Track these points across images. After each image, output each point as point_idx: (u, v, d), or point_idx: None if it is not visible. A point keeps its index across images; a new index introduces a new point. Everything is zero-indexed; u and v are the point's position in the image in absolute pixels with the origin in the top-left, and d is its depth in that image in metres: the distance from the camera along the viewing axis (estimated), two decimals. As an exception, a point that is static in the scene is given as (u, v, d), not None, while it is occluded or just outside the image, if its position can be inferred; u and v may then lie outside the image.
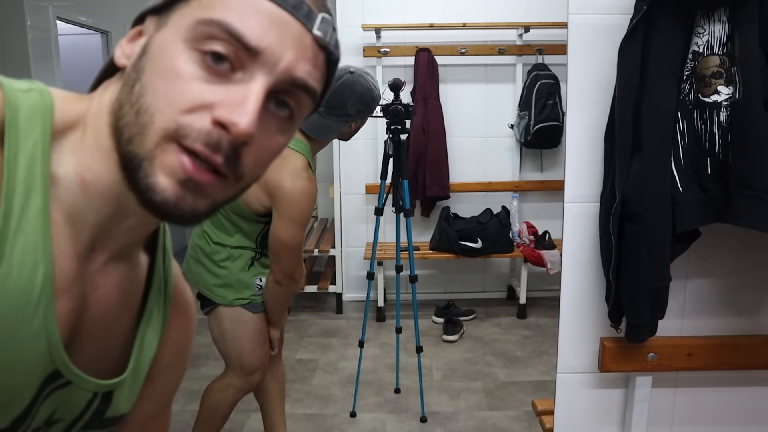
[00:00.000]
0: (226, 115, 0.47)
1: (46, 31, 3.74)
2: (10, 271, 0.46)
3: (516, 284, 4.09)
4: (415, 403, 2.77)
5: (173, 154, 0.47)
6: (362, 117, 1.85)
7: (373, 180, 4.01)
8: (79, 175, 0.51)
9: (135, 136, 0.48)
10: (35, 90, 0.51)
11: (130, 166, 0.48)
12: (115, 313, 0.59)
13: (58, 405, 0.55)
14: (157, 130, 0.47)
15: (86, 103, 0.54)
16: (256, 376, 1.94)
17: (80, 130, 0.52)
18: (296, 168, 1.70)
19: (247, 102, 0.48)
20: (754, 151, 1.06)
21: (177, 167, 0.47)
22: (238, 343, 1.88)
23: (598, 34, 1.23)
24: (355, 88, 1.77)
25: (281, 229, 1.70)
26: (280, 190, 1.67)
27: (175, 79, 0.47)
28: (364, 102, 1.80)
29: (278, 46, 0.49)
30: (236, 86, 0.48)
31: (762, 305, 1.36)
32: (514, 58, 3.97)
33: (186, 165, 0.47)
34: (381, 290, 3.96)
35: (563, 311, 1.35)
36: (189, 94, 0.47)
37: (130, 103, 0.49)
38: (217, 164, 0.48)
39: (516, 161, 4.10)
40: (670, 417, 1.41)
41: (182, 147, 0.47)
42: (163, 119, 0.47)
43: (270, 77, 0.49)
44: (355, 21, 3.86)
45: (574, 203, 1.31)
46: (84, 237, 0.53)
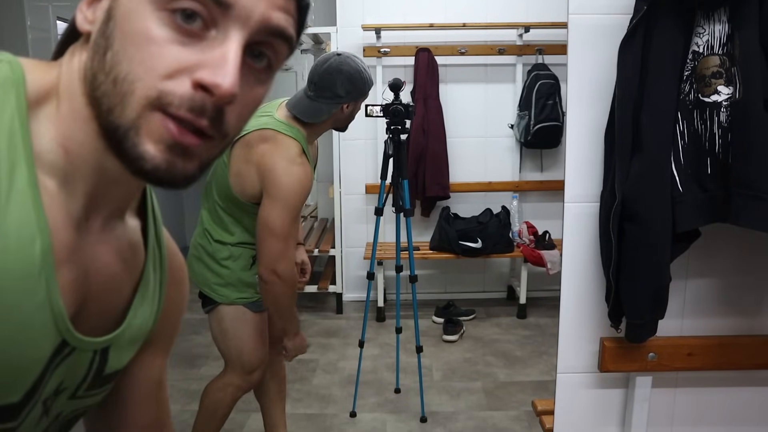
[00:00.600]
0: (208, 77, 0.46)
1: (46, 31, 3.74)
2: (6, 246, 0.45)
3: (516, 284, 4.09)
4: (415, 403, 2.77)
5: (158, 121, 0.47)
6: (353, 98, 1.81)
7: (373, 180, 4.01)
8: (61, 146, 0.51)
9: (116, 106, 0.47)
10: (4, 61, 0.50)
11: (115, 136, 0.48)
12: (119, 279, 0.60)
13: (65, 374, 0.56)
14: (138, 99, 0.46)
15: (56, 70, 0.53)
16: (256, 375, 1.94)
17: (54, 99, 0.52)
18: (290, 153, 1.69)
19: (227, 62, 0.47)
20: (754, 151, 1.06)
21: (164, 134, 0.47)
22: (238, 342, 1.88)
23: (598, 34, 1.23)
24: (342, 68, 1.76)
25: (267, 211, 1.66)
26: (271, 173, 1.65)
27: (149, 45, 0.46)
28: (353, 82, 1.77)
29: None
30: (212, 45, 0.47)
31: (762, 305, 1.36)
32: (514, 58, 3.97)
33: (173, 131, 0.47)
34: (381, 290, 3.96)
35: (563, 311, 1.35)
36: (166, 59, 0.46)
37: (104, 72, 0.48)
38: (203, 127, 0.48)
39: (516, 161, 4.10)
40: (670, 417, 1.41)
41: (167, 113, 0.47)
42: (144, 87, 0.46)
43: (245, 31, 0.48)
44: (355, 21, 3.86)
45: (574, 203, 1.31)
46: (77, 206, 0.53)
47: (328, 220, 4.67)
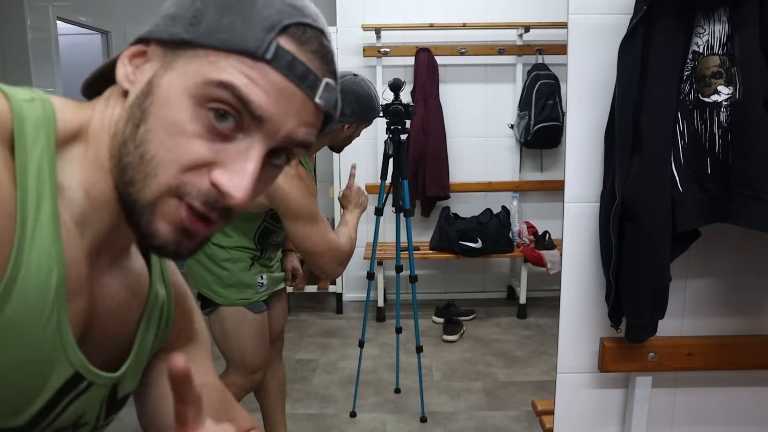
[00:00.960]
0: (225, 184, 0.50)
1: (46, 31, 3.74)
2: (28, 276, 0.47)
3: (516, 284, 4.09)
4: (415, 403, 2.77)
5: (174, 206, 0.51)
6: (356, 120, 1.83)
7: (373, 180, 4.01)
8: (83, 188, 0.53)
9: (138, 181, 0.50)
10: (38, 99, 0.52)
11: (132, 210, 0.51)
12: (126, 307, 0.62)
13: (84, 409, 0.58)
14: (160, 185, 0.50)
15: (86, 112, 0.55)
16: (258, 375, 1.94)
17: (82, 142, 0.54)
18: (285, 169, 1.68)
19: (246, 174, 0.50)
20: (754, 151, 1.06)
21: (176, 218, 0.51)
22: (240, 343, 1.88)
23: (598, 34, 1.23)
24: (354, 89, 1.79)
25: (295, 233, 1.63)
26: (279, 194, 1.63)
27: (180, 136, 0.50)
28: (360, 104, 1.80)
29: (282, 116, 0.51)
30: (237, 147, 0.51)
31: (762, 305, 1.36)
32: (514, 58, 3.97)
33: (185, 218, 0.51)
34: (381, 290, 3.96)
35: (563, 311, 1.35)
36: (192, 153, 0.50)
37: (134, 143, 0.51)
38: (212, 218, 0.52)
39: (516, 161, 4.10)
40: (670, 417, 1.41)
41: (182, 200, 0.51)
42: (166, 176, 0.50)
43: (269, 143, 0.52)
44: (355, 21, 3.86)
45: (574, 203, 1.31)
46: (92, 242, 0.55)
47: (328, 220, 4.67)
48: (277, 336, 2.10)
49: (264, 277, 1.88)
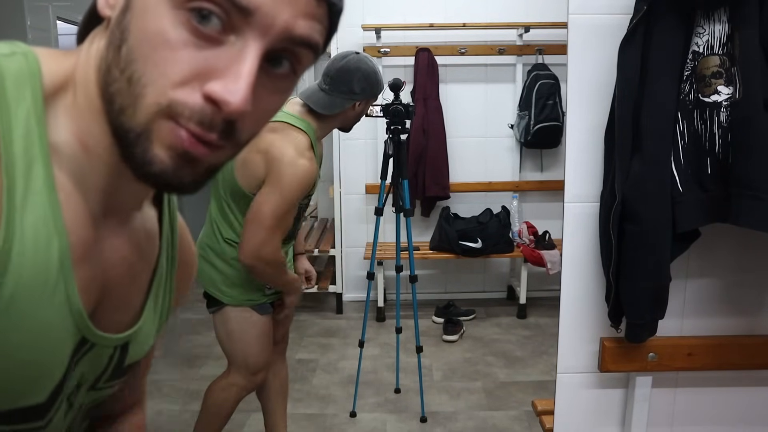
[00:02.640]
0: (218, 92, 0.44)
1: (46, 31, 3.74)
2: (23, 249, 0.45)
3: (516, 284, 4.09)
4: (415, 403, 2.77)
5: (169, 129, 0.45)
6: (366, 97, 1.83)
7: (373, 180, 4.01)
8: (78, 140, 0.49)
9: (128, 107, 0.46)
10: (19, 53, 0.48)
11: (126, 139, 0.46)
12: (136, 270, 0.60)
13: (86, 368, 0.56)
14: (149, 105, 0.45)
15: (73, 58, 0.51)
16: (261, 376, 1.94)
17: (71, 89, 0.50)
18: (299, 145, 1.69)
19: (240, 76, 0.44)
20: (754, 151, 1.06)
21: (175, 141, 0.46)
22: (244, 344, 1.88)
23: (598, 34, 1.23)
24: (360, 66, 1.80)
25: (263, 198, 1.65)
26: (277, 162, 1.65)
27: (164, 47, 0.44)
28: (368, 81, 1.81)
29: (273, 5, 0.45)
30: (229, 52, 0.45)
31: (762, 305, 1.36)
32: (514, 58, 3.97)
33: (184, 140, 0.46)
34: (381, 290, 3.96)
35: (563, 311, 1.35)
36: (180, 64, 0.44)
37: (119, 67, 0.46)
38: (212, 141, 0.46)
39: (516, 161, 4.10)
40: (670, 417, 1.41)
41: (177, 123, 0.45)
42: (155, 93, 0.45)
43: (265, 40, 0.45)
44: (355, 21, 3.86)
45: (574, 203, 1.31)
46: (96, 202, 0.52)
47: (328, 220, 4.67)
48: (281, 338, 2.10)
49: None
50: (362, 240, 4.16)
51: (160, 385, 2.99)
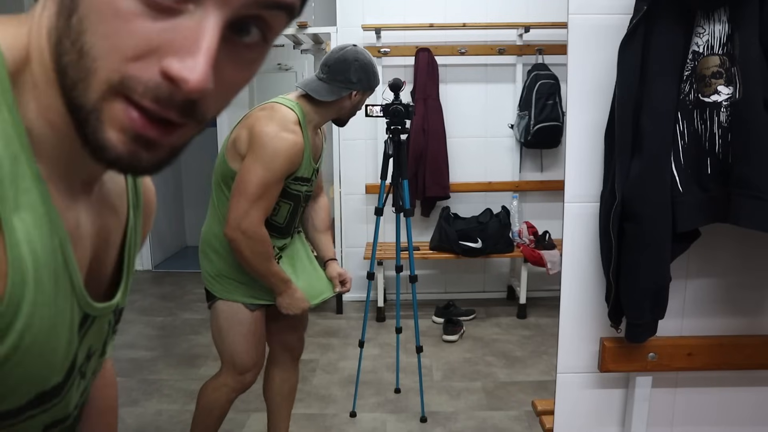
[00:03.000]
0: (175, 69, 0.40)
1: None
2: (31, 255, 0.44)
3: (516, 284, 4.09)
4: (415, 403, 2.77)
5: (121, 109, 0.41)
6: (362, 87, 1.84)
7: (373, 180, 4.01)
8: (45, 119, 0.45)
9: (78, 82, 0.42)
10: None
11: (78, 117, 0.43)
12: (114, 230, 0.59)
13: (93, 340, 0.57)
14: (100, 81, 0.41)
15: (26, 26, 0.46)
16: (249, 377, 1.91)
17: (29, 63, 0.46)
18: (284, 120, 1.70)
19: (199, 51, 0.40)
20: (754, 151, 1.06)
21: (126, 123, 0.42)
22: (231, 342, 1.87)
23: (598, 34, 1.23)
24: (358, 56, 1.82)
25: (246, 168, 1.66)
26: (260, 133, 1.67)
27: (116, 18, 0.40)
28: (365, 71, 1.82)
29: None
30: (187, 23, 0.40)
31: (762, 305, 1.36)
32: (514, 58, 3.97)
33: (136, 121, 0.42)
34: (381, 290, 3.96)
35: (563, 311, 1.35)
36: (133, 37, 0.40)
37: (69, 39, 0.41)
38: (171, 118, 0.42)
39: (516, 161, 4.11)
40: (670, 417, 1.41)
41: (130, 101, 0.41)
42: (106, 69, 0.40)
43: (227, 9, 0.41)
44: (355, 21, 3.86)
45: (574, 203, 1.31)
46: (72, 180, 0.50)
47: (328, 220, 4.66)
48: (294, 344, 2.07)
49: None
50: (362, 240, 4.16)
51: (160, 385, 2.99)
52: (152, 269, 5.16)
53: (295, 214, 1.87)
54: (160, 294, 4.53)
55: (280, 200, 1.78)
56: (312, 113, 1.80)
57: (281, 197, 1.77)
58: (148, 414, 2.70)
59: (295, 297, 1.83)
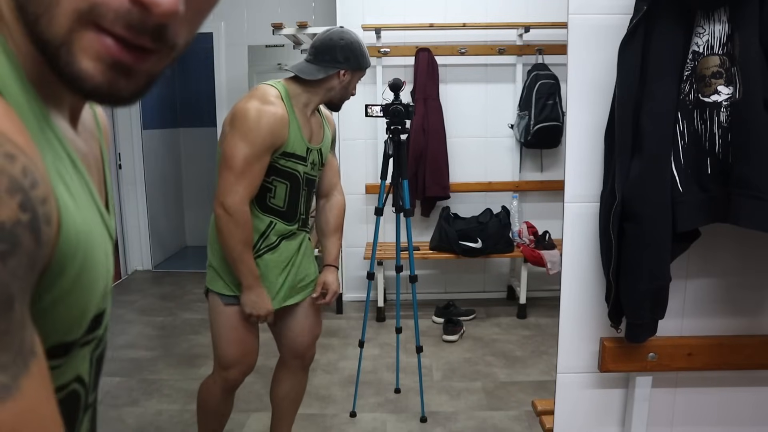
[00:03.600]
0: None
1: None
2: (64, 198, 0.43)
3: (516, 284, 4.09)
4: (415, 403, 2.77)
5: (93, 38, 0.40)
6: (351, 66, 1.83)
7: (373, 180, 4.01)
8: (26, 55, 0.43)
9: (41, 16, 0.40)
10: None
11: (47, 52, 0.41)
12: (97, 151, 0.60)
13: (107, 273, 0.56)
14: (66, 11, 0.39)
15: None
16: (232, 373, 1.90)
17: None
18: (266, 95, 1.72)
19: None
20: (754, 151, 1.06)
21: (101, 51, 0.41)
22: (214, 335, 1.88)
23: (598, 34, 1.23)
24: (344, 36, 1.83)
25: (227, 142, 1.68)
26: (241, 109, 1.69)
27: None
28: (351, 50, 1.82)
29: None
30: None
31: (762, 305, 1.36)
32: (514, 58, 3.97)
33: (111, 48, 0.41)
34: (381, 290, 3.96)
35: (563, 311, 1.35)
36: None
37: None
38: (144, 45, 0.42)
39: (516, 161, 4.11)
40: (670, 417, 1.41)
41: (101, 29, 0.40)
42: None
43: None
44: (355, 21, 3.86)
45: (574, 203, 1.31)
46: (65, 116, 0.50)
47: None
48: (303, 352, 2.02)
49: None
50: (362, 240, 4.16)
51: (160, 385, 2.99)
52: (152, 269, 5.16)
53: (297, 196, 1.84)
54: (160, 294, 4.53)
55: (274, 179, 1.77)
56: (300, 93, 1.80)
57: (274, 175, 1.76)
58: (148, 414, 2.70)
59: (262, 296, 1.79)
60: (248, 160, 1.67)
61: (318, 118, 1.91)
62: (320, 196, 2.11)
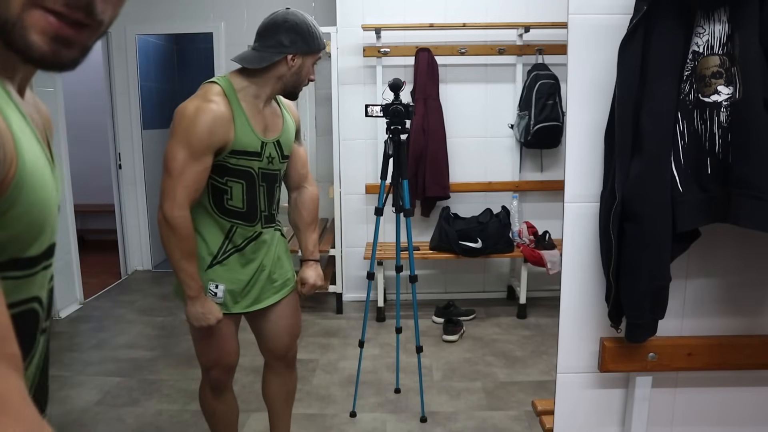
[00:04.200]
0: None
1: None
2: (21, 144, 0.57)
3: (516, 284, 4.09)
4: (415, 403, 2.77)
5: (39, 17, 0.53)
6: (298, 49, 1.70)
7: (373, 180, 4.01)
8: None
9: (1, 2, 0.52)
10: None
11: (3, 30, 0.53)
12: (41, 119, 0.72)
13: None
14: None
15: None
16: (214, 373, 1.89)
17: None
18: (205, 93, 1.65)
19: None
20: (754, 151, 1.06)
21: (46, 27, 0.53)
22: (193, 338, 1.86)
23: (598, 34, 1.23)
24: (288, 18, 1.69)
25: (167, 147, 1.62)
26: (177, 111, 1.62)
27: None
28: (297, 31, 1.69)
29: None
30: None
31: (762, 305, 1.36)
32: (514, 58, 3.97)
33: (54, 24, 0.54)
34: (381, 290, 3.96)
35: (563, 311, 1.35)
36: None
37: None
38: (79, 19, 0.55)
39: (516, 161, 4.11)
40: (670, 417, 1.41)
41: (45, 9, 0.53)
42: None
43: None
44: (355, 21, 3.86)
45: (574, 203, 1.31)
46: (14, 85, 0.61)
47: (328, 220, 4.67)
48: (283, 353, 1.99)
49: (219, 287, 1.76)
50: (362, 240, 4.16)
51: (160, 385, 2.99)
52: (152, 269, 5.16)
53: (254, 194, 1.75)
54: (160, 294, 4.53)
55: (228, 179, 1.69)
56: (247, 86, 1.69)
57: (228, 176, 1.69)
58: (148, 414, 2.70)
59: (206, 306, 1.72)
60: (185, 162, 1.59)
61: (274, 108, 1.80)
62: (290, 190, 2.01)
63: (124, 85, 4.89)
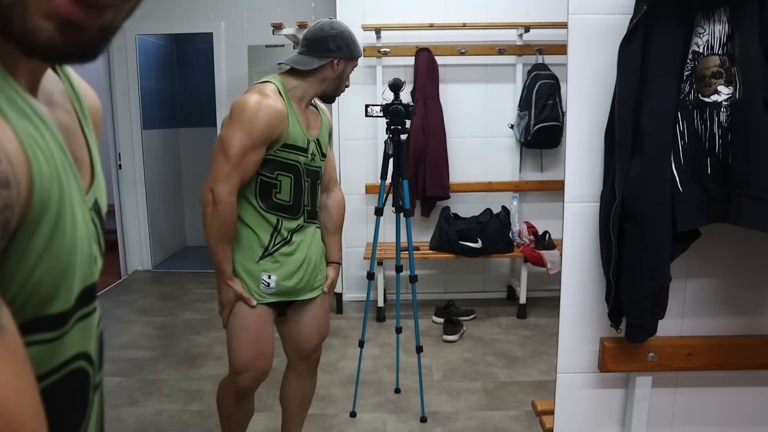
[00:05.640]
0: None
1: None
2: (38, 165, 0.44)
3: (516, 284, 4.09)
4: (415, 403, 2.77)
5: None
6: (343, 56, 1.84)
7: (373, 180, 4.01)
8: None
9: None
10: None
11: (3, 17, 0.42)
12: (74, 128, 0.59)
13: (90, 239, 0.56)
14: None
15: None
16: (243, 380, 1.86)
17: None
18: (261, 90, 1.75)
19: None
20: (754, 151, 1.06)
21: (50, 9, 0.42)
22: (228, 338, 1.86)
23: (598, 34, 1.23)
24: (334, 26, 1.84)
25: (225, 131, 1.71)
26: (238, 103, 1.73)
27: None
28: (343, 39, 1.83)
29: None
30: None
31: (762, 305, 1.36)
32: (514, 58, 3.97)
33: (61, 6, 0.42)
34: (381, 290, 3.96)
35: (563, 311, 1.35)
36: None
37: None
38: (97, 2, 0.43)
39: (516, 161, 4.11)
40: (670, 417, 1.41)
41: None
42: None
43: None
44: (355, 21, 3.86)
45: (574, 203, 1.31)
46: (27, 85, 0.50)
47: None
48: (309, 353, 2.00)
49: (272, 277, 1.81)
50: (362, 240, 4.16)
51: (160, 385, 2.99)
52: (152, 269, 5.16)
53: (301, 189, 1.84)
54: (160, 294, 4.52)
55: (278, 173, 1.78)
56: (296, 86, 1.82)
57: (278, 170, 1.78)
58: (148, 414, 2.70)
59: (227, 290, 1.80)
60: (245, 149, 1.69)
61: (313, 109, 1.92)
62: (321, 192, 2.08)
63: (124, 85, 4.89)
